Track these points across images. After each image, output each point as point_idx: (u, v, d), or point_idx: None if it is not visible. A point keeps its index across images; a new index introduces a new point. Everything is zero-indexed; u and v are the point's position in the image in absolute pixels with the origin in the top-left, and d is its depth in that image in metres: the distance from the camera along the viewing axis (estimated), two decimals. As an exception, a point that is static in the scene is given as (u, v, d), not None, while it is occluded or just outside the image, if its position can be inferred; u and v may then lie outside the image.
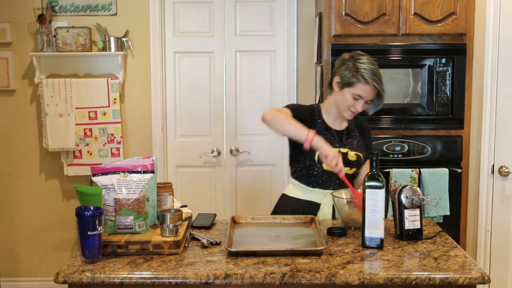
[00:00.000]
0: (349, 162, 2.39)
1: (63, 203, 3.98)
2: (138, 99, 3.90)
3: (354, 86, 2.34)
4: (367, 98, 2.36)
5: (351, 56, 2.39)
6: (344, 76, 2.36)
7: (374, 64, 2.37)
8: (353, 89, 2.35)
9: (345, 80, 2.36)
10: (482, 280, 1.76)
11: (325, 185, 2.43)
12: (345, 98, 2.37)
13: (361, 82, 2.33)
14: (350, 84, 2.35)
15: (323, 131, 2.43)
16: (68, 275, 1.77)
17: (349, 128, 2.51)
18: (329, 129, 2.45)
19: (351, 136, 2.49)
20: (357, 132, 2.52)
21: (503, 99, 3.34)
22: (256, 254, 1.91)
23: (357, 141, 2.49)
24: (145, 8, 3.81)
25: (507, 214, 3.39)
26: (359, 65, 2.34)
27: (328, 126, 2.46)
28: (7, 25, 3.79)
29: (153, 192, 2.13)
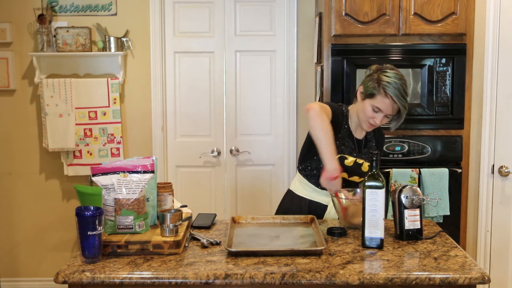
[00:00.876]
0: (362, 172, 2.41)
1: (63, 203, 3.98)
2: (138, 99, 3.90)
3: (375, 98, 2.32)
4: (386, 112, 2.33)
5: (379, 68, 2.37)
6: (367, 87, 2.34)
7: (400, 79, 2.31)
8: (373, 101, 2.33)
9: (367, 90, 2.34)
10: (482, 280, 1.76)
11: None
12: (365, 109, 2.36)
13: (381, 95, 2.30)
14: (371, 96, 2.33)
15: (347, 137, 2.43)
16: (68, 275, 1.77)
17: (367, 137, 2.51)
18: (351, 136, 2.45)
19: (368, 146, 2.50)
20: (373, 142, 2.53)
21: (503, 99, 3.34)
22: (256, 254, 1.91)
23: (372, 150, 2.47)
24: (145, 8, 3.81)
25: (507, 214, 3.39)
26: (382, 78, 2.31)
27: (351, 133, 2.46)
28: (7, 25, 3.79)
29: (153, 192, 2.13)
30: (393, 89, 2.28)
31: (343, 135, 2.42)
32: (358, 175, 2.42)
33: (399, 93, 2.29)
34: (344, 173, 2.38)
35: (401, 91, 2.29)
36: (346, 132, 2.44)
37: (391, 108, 2.32)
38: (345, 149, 2.40)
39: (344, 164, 2.36)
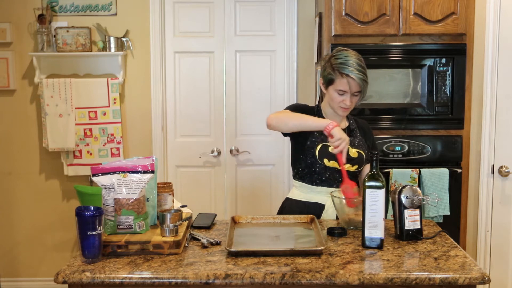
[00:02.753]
0: (350, 158, 2.39)
1: (63, 203, 3.98)
2: (138, 99, 3.90)
3: (334, 83, 2.36)
4: (352, 91, 2.35)
5: (329, 55, 2.42)
6: (325, 76, 2.40)
7: (352, 56, 2.35)
8: (334, 86, 2.37)
9: (325, 79, 2.40)
10: (482, 280, 1.76)
11: (328, 183, 2.43)
12: (332, 97, 2.39)
13: (338, 77, 2.34)
14: (331, 82, 2.37)
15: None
16: (68, 275, 1.77)
17: (350, 127, 2.52)
18: None
19: (353, 134, 2.50)
20: (359, 132, 2.53)
21: (503, 99, 3.34)
22: (256, 254, 1.91)
23: (358, 139, 2.49)
24: (145, 8, 3.81)
25: (507, 214, 3.39)
26: (333, 61, 2.36)
27: None
28: (7, 25, 3.79)
29: (153, 192, 2.13)
30: (346, 67, 2.32)
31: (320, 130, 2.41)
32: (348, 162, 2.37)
33: (353, 69, 2.31)
34: (333, 162, 2.37)
35: (355, 66, 2.32)
36: None
37: (353, 85, 2.34)
38: (325, 138, 2.37)
39: (328, 151, 2.36)
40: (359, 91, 2.36)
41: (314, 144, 2.41)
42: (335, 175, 2.42)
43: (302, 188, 2.49)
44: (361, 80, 2.33)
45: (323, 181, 2.43)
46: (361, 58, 2.37)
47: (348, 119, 2.55)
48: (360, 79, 2.32)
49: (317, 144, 2.40)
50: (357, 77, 2.32)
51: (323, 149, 2.39)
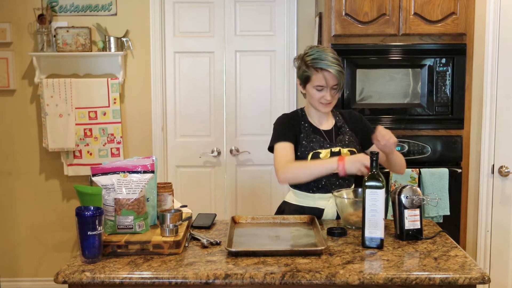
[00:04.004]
0: None
1: (63, 203, 3.98)
2: (138, 99, 3.90)
3: (311, 80, 2.36)
4: (330, 85, 2.34)
5: (300, 55, 2.43)
6: (301, 75, 2.40)
7: (323, 51, 2.36)
8: (312, 83, 2.36)
9: (302, 78, 2.40)
10: (482, 280, 1.76)
11: (325, 189, 2.41)
12: (311, 94, 2.39)
13: (314, 73, 2.34)
14: (307, 80, 2.37)
15: (312, 134, 2.42)
16: (68, 275, 1.77)
17: (337, 125, 2.49)
18: (317, 130, 2.44)
19: (341, 132, 2.47)
20: (347, 126, 2.49)
21: (503, 99, 3.34)
22: (256, 254, 1.91)
23: (348, 136, 2.46)
24: (145, 8, 3.81)
25: (507, 214, 3.39)
26: (306, 59, 2.37)
27: (316, 128, 2.45)
28: (7, 25, 3.79)
29: (153, 192, 2.13)
30: (320, 62, 2.32)
31: (307, 133, 2.42)
32: None
33: (328, 62, 2.32)
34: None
35: (329, 60, 2.32)
36: (309, 129, 2.44)
37: (330, 78, 2.33)
38: (315, 144, 2.39)
39: (321, 158, 2.35)
40: (336, 84, 2.35)
41: (304, 154, 2.38)
42: (332, 179, 2.40)
43: (299, 194, 2.46)
44: (337, 72, 2.32)
45: (320, 188, 2.41)
46: (334, 51, 2.38)
47: (334, 115, 2.52)
48: (336, 71, 2.32)
49: (308, 153, 2.38)
50: (333, 70, 2.31)
51: (314, 156, 2.36)
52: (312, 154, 2.36)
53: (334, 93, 2.37)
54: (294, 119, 2.46)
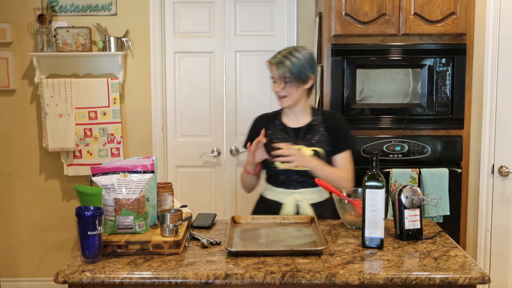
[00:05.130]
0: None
1: (63, 203, 3.98)
2: (138, 99, 3.90)
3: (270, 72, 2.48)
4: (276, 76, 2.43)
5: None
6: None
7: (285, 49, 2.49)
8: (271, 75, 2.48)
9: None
10: (482, 280, 1.76)
11: (286, 185, 2.48)
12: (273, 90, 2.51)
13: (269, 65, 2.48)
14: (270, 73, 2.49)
15: (278, 131, 2.52)
16: (68, 275, 1.77)
17: (311, 123, 2.52)
18: (285, 129, 2.53)
19: (312, 131, 2.50)
20: (322, 126, 2.51)
21: (503, 99, 3.34)
22: (256, 254, 1.91)
23: (319, 135, 2.49)
24: (145, 8, 3.81)
25: (507, 214, 3.39)
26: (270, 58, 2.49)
27: (285, 127, 2.53)
28: (7, 25, 3.79)
29: (153, 192, 2.13)
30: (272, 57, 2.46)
31: (274, 131, 2.53)
32: None
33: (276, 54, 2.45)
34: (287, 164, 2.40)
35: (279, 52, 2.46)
36: (277, 127, 2.54)
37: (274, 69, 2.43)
38: (279, 141, 2.46)
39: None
40: (286, 76, 2.42)
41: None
42: (292, 176, 2.46)
43: (266, 187, 2.58)
44: (277, 62, 2.42)
45: (281, 183, 2.49)
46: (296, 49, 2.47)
47: (314, 114, 2.55)
48: (276, 61, 2.43)
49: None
50: (274, 60, 2.43)
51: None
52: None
53: (286, 86, 2.44)
54: (265, 119, 2.59)
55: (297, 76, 2.41)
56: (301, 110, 2.53)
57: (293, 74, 2.41)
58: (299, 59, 2.42)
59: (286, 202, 2.47)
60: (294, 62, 2.40)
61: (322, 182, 2.35)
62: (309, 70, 2.45)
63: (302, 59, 2.42)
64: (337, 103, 3.18)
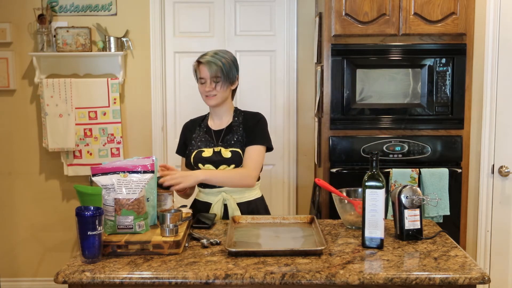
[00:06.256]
0: (224, 159, 2.47)
1: (63, 203, 3.98)
2: (138, 99, 3.90)
3: (197, 73, 2.51)
4: (207, 76, 2.46)
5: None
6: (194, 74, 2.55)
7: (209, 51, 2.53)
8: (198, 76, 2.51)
9: (195, 76, 2.54)
10: (482, 280, 1.76)
11: (210, 185, 2.50)
12: (199, 90, 2.54)
13: (197, 67, 2.51)
14: (196, 74, 2.52)
15: (203, 134, 2.58)
16: (68, 275, 1.77)
17: (231, 125, 2.57)
18: (208, 131, 2.58)
19: (231, 132, 2.54)
20: (241, 127, 2.56)
21: (503, 99, 3.34)
22: (256, 254, 1.91)
23: (237, 136, 2.53)
24: (145, 8, 3.81)
25: (507, 214, 3.39)
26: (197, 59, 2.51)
27: (209, 129, 2.58)
28: (7, 25, 3.79)
29: (153, 192, 2.13)
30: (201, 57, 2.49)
31: (199, 133, 2.58)
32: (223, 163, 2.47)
33: (204, 55, 2.49)
34: (209, 166, 2.46)
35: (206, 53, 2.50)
36: (202, 130, 2.59)
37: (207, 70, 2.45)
38: (202, 143, 2.53)
39: (202, 156, 2.49)
40: (216, 76, 2.46)
41: (191, 152, 2.53)
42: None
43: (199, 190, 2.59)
44: (207, 62, 2.45)
45: (206, 185, 2.50)
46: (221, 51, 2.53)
47: (236, 115, 2.60)
48: (206, 61, 2.45)
49: (193, 151, 2.52)
50: (203, 60, 2.46)
51: (198, 155, 2.50)
52: (195, 153, 2.51)
53: (218, 86, 2.48)
54: (194, 123, 2.66)
55: (226, 76, 2.47)
56: (225, 111, 2.59)
57: (223, 74, 2.46)
58: (227, 59, 2.48)
59: (214, 202, 2.50)
60: (224, 62, 2.47)
61: (322, 182, 2.36)
62: (236, 71, 2.53)
63: (229, 60, 2.50)
64: (337, 103, 3.18)
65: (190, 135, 2.60)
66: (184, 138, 2.63)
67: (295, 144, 3.94)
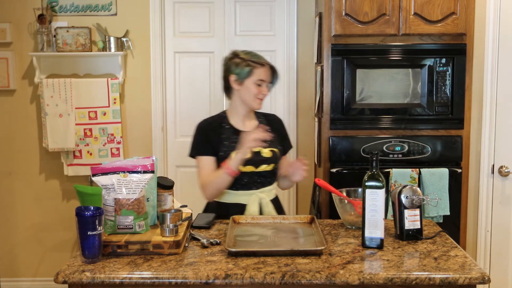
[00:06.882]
0: (264, 159, 2.47)
1: (63, 203, 3.98)
2: (138, 99, 3.90)
3: (253, 74, 2.46)
4: (268, 79, 2.49)
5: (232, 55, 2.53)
6: (240, 71, 2.46)
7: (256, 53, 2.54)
8: (253, 77, 2.46)
9: (242, 73, 2.46)
10: (482, 280, 1.76)
11: (248, 186, 2.49)
12: (249, 89, 2.47)
13: (257, 67, 2.46)
14: (248, 74, 2.46)
15: (232, 135, 2.50)
16: (68, 275, 1.77)
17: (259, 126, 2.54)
18: (237, 132, 2.51)
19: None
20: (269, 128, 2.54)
21: (503, 99, 3.34)
22: (256, 254, 1.91)
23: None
24: (145, 8, 3.81)
25: (507, 214, 3.39)
26: (245, 56, 2.48)
27: (236, 130, 2.52)
28: (7, 25, 3.79)
29: (153, 192, 2.13)
30: (260, 58, 2.48)
31: (228, 135, 2.50)
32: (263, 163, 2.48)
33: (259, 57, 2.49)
34: (250, 167, 2.44)
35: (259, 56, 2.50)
36: (230, 131, 2.52)
37: (270, 73, 2.50)
38: (236, 144, 2.45)
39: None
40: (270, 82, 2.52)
41: (227, 153, 2.45)
42: (254, 177, 2.49)
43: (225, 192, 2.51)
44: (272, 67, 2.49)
45: (243, 185, 2.48)
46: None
47: (257, 117, 2.61)
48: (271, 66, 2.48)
49: (230, 152, 2.45)
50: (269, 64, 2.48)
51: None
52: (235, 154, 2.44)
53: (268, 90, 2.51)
54: (212, 124, 2.55)
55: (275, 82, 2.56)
56: (251, 113, 2.59)
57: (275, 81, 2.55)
58: None
59: (250, 202, 2.48)
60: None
61: (322, 182, 2.36)
62: None
63: None
64: (337, 103, 3.18)
65: (216, 137, 2.49)
66: (207, 138, 2.50)
67: (295, 144, 3.93)
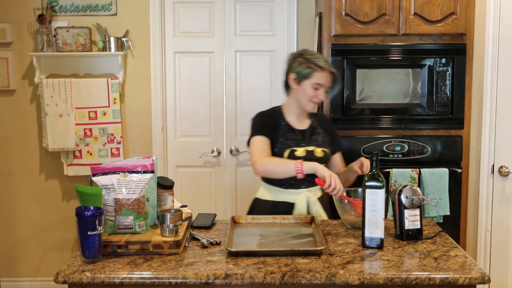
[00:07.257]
0: (317, 158, 2.46)
1: (63, 203, 3.98)
2: (138, 99, 3.90)
3: (312, 76, 2.44)
4: (327, 85, 2.46)
5: (299, 53, 2.52)
6: (300, 71, 2.46)
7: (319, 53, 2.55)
8: (311, 80, 2.44)
9: (301, 73, 2.46)
10: (482, 280, 1.76)
11: (297, 185, 2.49)
12: (306, 91, 2.46)
13: (317, 71, 2.44)
14: (307, 76, 2.44)
15: (288, 132, 2.51)
16: (68, 275, 1.77)
17: (312, 125, 2.58)
18: (293, 129, 2.53)
19: (315, 133, 2.57)
20: (320, 128, 2.59)
21: (503, 99, 3.34)
22: (256, 254, 1.91)
23: (321, 137, 2.56)
24: (145, 8, 3.81)
25: (507, 214, 3.39)
26: (309, 57, 2.46)
27: (292, 127, 2.53)
28: (7, 25, 3.79)
29: (153, 192, 2.13)
30: (324, 62, 2.45)
31: (284, 131, 2.51)
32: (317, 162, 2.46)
33: (329, 64, 2.47)
34: None
35: (321, 58, 2.47)
36: (286, 127, 2.52)
37: (329, 78, 2.48)
38: (291, 142, 2.48)
39: (295, 156, 2.44)
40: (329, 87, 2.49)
41: (282, 151, 2.46)
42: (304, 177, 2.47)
43: (270, 189, 2.55)
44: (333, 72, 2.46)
45: (292, 184, 2.49)
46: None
47: (309, 116, 2.61)
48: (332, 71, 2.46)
49: (284, 150, 2.46)
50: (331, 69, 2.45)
51: (291, 154, 2.45)
52: (289, 152, 2.46)
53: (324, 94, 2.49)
54: (271, 117, 2.55)
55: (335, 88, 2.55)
56: (305, 112, 2.58)
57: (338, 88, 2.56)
58: None
59: (298, 201, 2.48)
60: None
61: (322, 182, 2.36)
62: None
63: None
64: (337, 103, 3.18)
65: (276, 130, 2.50)
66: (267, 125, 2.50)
67: (295, 144, 3.93)
